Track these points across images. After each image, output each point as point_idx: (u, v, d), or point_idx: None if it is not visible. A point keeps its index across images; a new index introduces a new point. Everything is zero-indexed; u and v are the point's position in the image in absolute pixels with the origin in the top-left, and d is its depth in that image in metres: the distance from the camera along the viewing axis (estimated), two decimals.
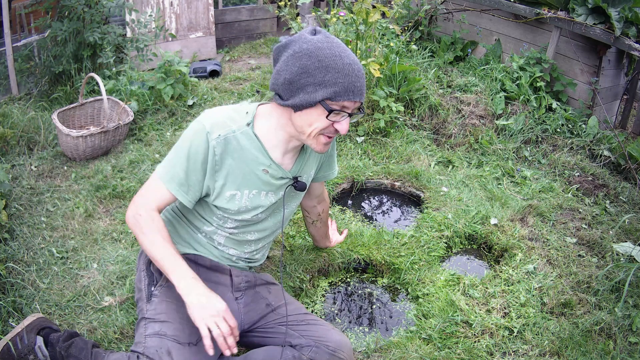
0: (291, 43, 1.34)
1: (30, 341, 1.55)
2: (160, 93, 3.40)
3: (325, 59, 1.30)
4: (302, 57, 1.30)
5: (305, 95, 1.32)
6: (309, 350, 1.51)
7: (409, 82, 3.35)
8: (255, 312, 1.61)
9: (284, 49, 1.35)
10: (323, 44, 1.31)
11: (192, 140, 1.39)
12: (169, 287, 1.52)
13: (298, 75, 1.31)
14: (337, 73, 1.30)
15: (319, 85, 1.30)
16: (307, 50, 1.30)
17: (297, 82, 1.32)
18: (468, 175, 2.85)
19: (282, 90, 1.35)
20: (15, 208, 2.41)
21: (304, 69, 1.30)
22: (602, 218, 2.52)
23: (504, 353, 1.74)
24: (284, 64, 1.34)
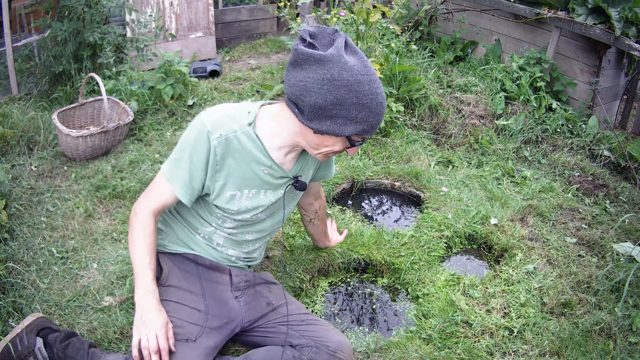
0: (328, 62, 1.25)
1: (30, 342, 1.54)
2: (160, 93, 3.40)
3: (363, 96, 1.27)
4: (340, 88, 1.26)
5: (333, 125, 1.30)
6: (309, 350, 1.51)
7: (409, 82, 3.35)
8: (255, 310, 1.61)
9: (317, 64, 1.26)
10: (363, 76, 1.27)
11: (194, 140, 1.38)
12: (167, 286, 1.52)
13: (332, 104, 1.27)
14: (370, 113, 1.29)
15: (351, 121, 1.29)
16: (347, 81, 1.25)
17: (329, 110, 1.29)
18: (468, 175, 2.85)
19: (307, 110, 1.31)
20: (15, 208, 2.41)
21: (340, 101, 1.27)
22: (602, 218, 2.52)
23: (504, 353, 1.74)
24: (317, 85, 1.26)
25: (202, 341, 1.46)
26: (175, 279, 1.55)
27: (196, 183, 1.42)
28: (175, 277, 1.56)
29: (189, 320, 1.48)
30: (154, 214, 1.47)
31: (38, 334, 1.58)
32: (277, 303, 1.64)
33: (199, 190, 1.44)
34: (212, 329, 1.51)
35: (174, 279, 1.55)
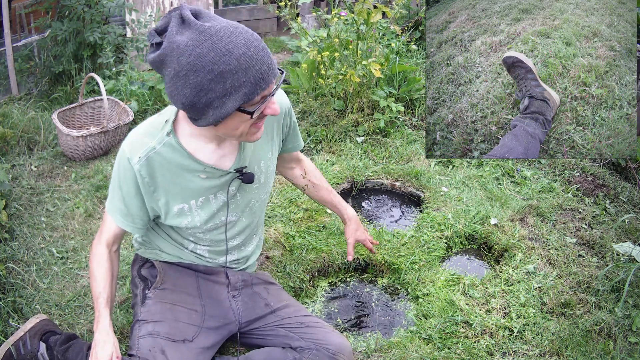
0: (165, 59, 1.09)
1: (34, 347, 1.54)
2: (160, 93, 3.40)
3: (214, 65, 1.06)
4: (189, 75, 1.08)
5: (215, 111, 1.13)
6: (309, 353, 1.51)
7: (409, 82, 3.35)
8: (253, 311, 1.61)
9: (162, 66, 1.12)
10: (201, 47, 1.06)
11: (118, 170, 1.34)
12: (163, 289, 1.52)
13: (195, 96, 1.10)
14: (235, 74, 1.08)
15: (225, 96, 1.10)
16: (189, 64, 1.07)
17: (198, 103, 1.11)
18: (468, 175, 2.85)
19: (188, 114, 1.18)
20: (15, 208, 2.41)
21: (198, 88, 1.09)
22: (602, 218, 2.52)
23: (504, 353, 1.74)
24: (172, 87, 1.12)
25: (199, 341, 1.46)
26: (170, 281, 1.55)
27: (134, 211, 1.38)
28: (170, 279, 1.55)
29: (186, 320, 1.48)
30: (106, 245, 1.45)
31: (41, 339, 1.57)
32: (275, 305, 1.63)
33: (142, 217, 1.40)
34: (209, 329, 1.51)
35: (169, 281, 1.54)
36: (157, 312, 1.47)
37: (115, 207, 1.39)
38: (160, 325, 1.44)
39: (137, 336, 1.44)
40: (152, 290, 1.53)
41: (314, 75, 3.33)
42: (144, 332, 1.43)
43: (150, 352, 1.38)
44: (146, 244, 1.61)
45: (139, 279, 1.59)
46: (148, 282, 1.56)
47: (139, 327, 1.46)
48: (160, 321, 1.45)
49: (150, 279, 1.56)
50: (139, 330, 1.45)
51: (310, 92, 3.41)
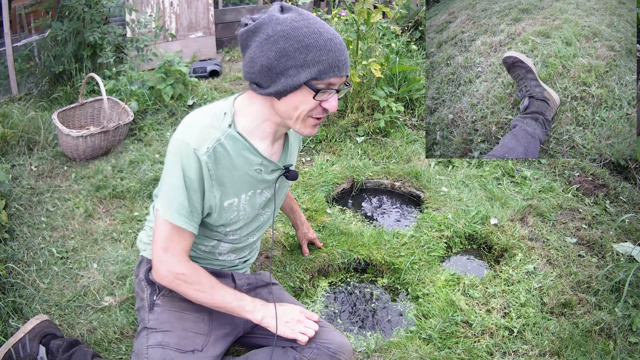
0: (262, 27, 1.22)
1: (33, 351, 1.52)
2: (160, 93, 3.40)
3: (304, 38, 1.19)
4: (279, 41, 1.19)
5: (287, 79, 1.22)
6: (309, 352, 1.51)
7: (409, 82, 3.35)
8: None
9: (254, 34, 1.23)
10: (299, 22, 1.20)
11: (181, 163, 1.28)
12: (171, 296, 1.49)
13: (277, 59, 1.21)
14: (319, 51, 1.20)
15: (302, 67, 1.20)
16: (283, 32, 1.19)
17: (276, 67, 1.21)
18: (468, 175, 2.85)
19: (260, 79, 1.25)
20: (15, 208, 2.41)
21: (283, 53, 1.20)
22: (602, 218, 2.52)
23: (504, 353, 1.74)
24: (258, 49, 1.22)
25: (209, 350, 1.45)
26: None
27: (197, 208, 1.34)
28: None
29: (195, 330, 1.46)
30: (188, 257, 1.38)
31: (41, 341, 1.56)
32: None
33: (200, 215, 1.37)
34: (218, 337, 1.50)
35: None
36: (166, 321, 1.44)
37: (179, 207, 1.30)
38: (170, 335, 1.42)
39: (146, 345, 1.41)
40: (161, 297, 1.49)
41: None
42: (153, 341, 1.41)
43: None
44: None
45: (146, 283, 1.54)
46: (156, 287, 1.51)
47: (147, 335, 1.43)
48: (170, 331, 1.42)
49: (159, 285, 1.50)
50: (147, 338, 1.43)
51: None
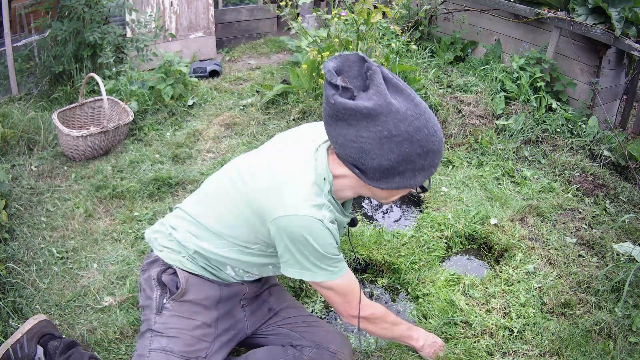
0: (378, 116, 1.14)
1: (31, 351, 1.52)
2: (160, 93, 3.40)
3: (426, 142, 1.18)
4: (403, 143, 1.16)
5: (403, 180, 1.22)
6: (309, 351, 1.51)
7: (409, 82, 3.35)
8: (258, 317, 1.61)
9: (368, 120, 1.15)
10: (418, 119, 1.17)
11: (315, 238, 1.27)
12: (182, 301, 1.47)
13: (398, 163, 1.18)
14: (436, 155, 1.22)
15: (420, 171, 1.22)
16: (407, 133, 1.15)
17: (395, 169, 1.20)
18: (468, 175, 2.85)
19: (371, 173, 1.22)
20: (15, 208, 2.41)
21: (405, 157, 1.18)
22: (602, 218, 2.52)
23: (504, 353, 1.74)
24: (375, 146, 1.16)
25: (212, 357, 1.44)
26: (191, 293, 1.48)
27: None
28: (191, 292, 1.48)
29: (200, 337, 1.45)
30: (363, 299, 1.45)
31: (39, 342, 1.55)
32: (278, 307, 1.64)
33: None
34: (221, 343, 1.50)
35: (190, 294, 1.48)
36: (173, 327, 1.43)
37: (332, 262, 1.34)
38: (175, 342, 1.41)
39: (149, 347, 1.41)
40: (170, 300, 1.46)
41: (314, 75, 3.33)
42: (157, 345, 1.40)
43: None
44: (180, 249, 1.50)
45: (156, 283, 1.50)
46: (167, 290, 1.48)
47: (151, 337, 1.42)
48: (176, 337, 1.42)
49: (171, 288, 1.47)
50: (150, 341, 1.42)
51: (310, 92, 3.41)
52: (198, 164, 2.88)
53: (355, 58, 1.20)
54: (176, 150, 2.99)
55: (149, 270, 1.55)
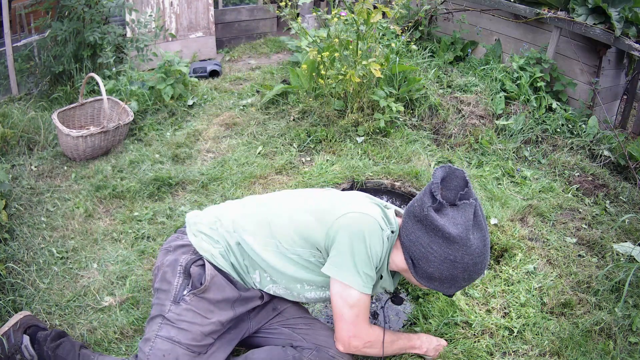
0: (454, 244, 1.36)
1: (17, 340, 1.54)
2: (160, 93, 3.40)
3: (475, 274, 1.41)
4: (458, 267, 1.37)
5: (440, 286, 1.44)
6: (309, 352, 1.51)
7: (409, 82, 3.35)
8: (262, 317, 1.62)
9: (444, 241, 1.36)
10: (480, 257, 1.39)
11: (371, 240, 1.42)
12: (201, 298, 1.47)
13: (445, 278, 1.41)
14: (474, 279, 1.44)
15: (457, 287, 1.44)
16: (466, 265, 1.37)
17: (438, 280, 1.42)
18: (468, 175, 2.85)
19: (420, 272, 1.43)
20: (15, 208, 2.41)
21: (454, 278, 1.40)
22: (602, 218, 2.52)
23: (504, 353, 1.74)
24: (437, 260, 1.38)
25: (214, 354, 1.46)
26: (212, 292, 1.49)
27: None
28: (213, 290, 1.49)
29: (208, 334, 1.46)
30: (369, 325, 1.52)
31: (25, 332, 1.57)
32: (282, 307, 1.64)
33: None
34: (223, 341, 1.51)
35: (210, 292, 1.48)
36: (186, 320, 1.44)
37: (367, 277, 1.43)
38: (184, 334, 1.42)
39: (156, 333, 1.42)
40: (191, 294, 1.46)
41: (314, 75, 3.33)
42: (165, 333, 1.42)
43: (164, 358, 1.38)
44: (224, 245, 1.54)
45: (182, 270, 1.49)
46: (190, 282, 1.48)
47: (161, 323, 1.44)
48: (185, 330, 1.42)
49: (195, 282, 1.48)
50: (159, 327, 1.43)
51: (310, 92, 3.41)
52: (198, 164, 2.88)
53: (460, 175, 1.43)
54: (176, 150, 2.99)
55: (176, 253, 1.54)
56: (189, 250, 1.54)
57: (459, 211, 1.38)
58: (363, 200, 1.53)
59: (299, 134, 3.14)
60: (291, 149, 3.03)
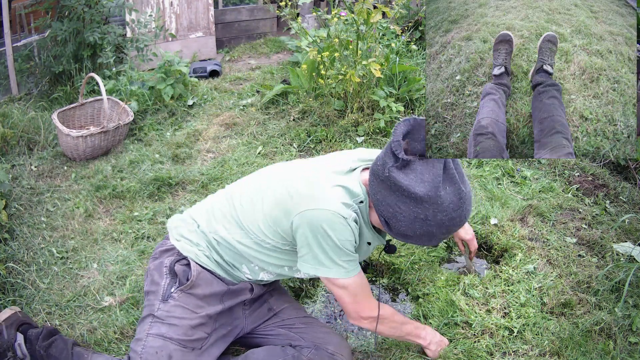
0: (423, 204, 1.24)
1: (10, 337, 1.52)
2: (160, 93, 3.40)
3: (452, 227, 1.31)
4: (432, 226, 1.28)
5: (417, 241, 1.36)
6: (308, 351, 1.51)
7: (409, 82, 3.35)
8: (257, 316, 1.62)
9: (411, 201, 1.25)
10: (457, 211, 1.28)
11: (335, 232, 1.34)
12: (189, 294, 1.48)
13: (420, 235, 1.32)
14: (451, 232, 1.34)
15: (434, 240, 1.35)
16: (441, 222, 1.27)
17: (416, 237, 1.33)
18: (468, 175, 2.85)
19: (394, 231, 1.34)
20: (15, 208, 2.41)
21: (430, 235, 1.31)
22: (602, 218, 2.52)
23: (504, 353, 1.74)
24: (408, 220, 1.28)
25: (208, 350, 1.46)
26: (200, 287, 1.50)
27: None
28: (200, 285, 1.50)
29: (199, 329, 1.47)
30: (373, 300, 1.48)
31: (18, 329, 1.56)
32: (278, 307, 1.64)
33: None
34: (219, 338, 1.51)
35: (198, 288, 1.50)
36: (175, 316, 1.45)
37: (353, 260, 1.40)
38: (175, 330, 1.43)
39: (147, 332, 1.43)
40: (179, 291, 1.48)
41: (314, 75, 3.33)
42: (156, 331, 1.42)
43: (157, 355, 1.38)
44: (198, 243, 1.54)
45: (167, 271, 1.52)
46: (177, 280, 1.50)
47: (151, 322, 1.45)
48: (176, 325, 1.43)
49: (181, 278, 1.50)
50: (150, 326, 1.44)
51: (310, 92, 3.41)
52: (198, 164, 2.88)
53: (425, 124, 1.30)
54: (176, 150, 2.99)
55: (161, 257, 1.56)
56: (173, 253, 1.56)
57: (427, 166, 1.25)
58: (323, 185, 1.39)
59: (299, 134, 3.14)
60: (291, 149, 3.03)
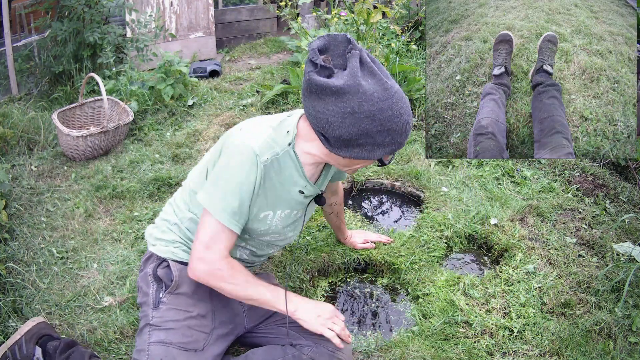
0: (345, 95, 1.21)
1: (29, 352, 1.52)
2: (160, 93, 3.40)
3: (388, 122, 1.24)
4: (364, 120, 1.22)
5: (362, 152, 1.28)
6: (308, 350, 1.51)
7: (409, 82, 3.35)
8: (257, 314, 1.62)
9: (335, 97, 1.22)
10: (384, 102, 1.22)
11: (242, 165, 1.32)
12: (177, 294, 1.50)
13: (357, 136, 1.25)
14: (397, 133, 1.27)
15: (379, 146, 1.27)
16: (369, 112, 1.22)
17: (355, 141, 1.26)
18: (468, 175, 2.85)
19: (333, 141, 1.29)
20: (15, 208, 2.41)
21: (365, 132, 1.24)
22: (602, 218, 2.52)
23: (504, 353, 1.74)
24: (338, 119, 1.23)
25: (210, 349, 1.46)
26: (185, 285, 1.51)
27: (244, 210, 1.37)
28: (185, 283, 1.51)
29: (198, 328, 1.47)
30: (228, 255, 1.39)
31: (37, 343, 1.56)
32: None
33: (245, 218, 1.40)
34: (219, 336, 1.51)
35: (184, 286, 1.51)
36: (170, 320, 1.45)
37: (231, 209, 1.34)
38: (173, 333, 1.43)
39: (148, 341, 1.42)
40: (167, 294, 1.49)
41: None
42: (156, 339, 1.42)
43: None
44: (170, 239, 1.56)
45: (152, 278, 1.54)
46: (163, 284, 1.52)
47: (150, 331, 1.44)
48: (173, 329, 1.43)
49: (166, 282, 1.51)
50: (149, 335, 1.44)
51: None
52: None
53: (342, 39, 1.26)
54: (176, 150, 2.99)
55: (145, 267, 1.59)
56: (153, 259, 1.58)
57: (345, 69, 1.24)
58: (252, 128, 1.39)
59: None
60: None
